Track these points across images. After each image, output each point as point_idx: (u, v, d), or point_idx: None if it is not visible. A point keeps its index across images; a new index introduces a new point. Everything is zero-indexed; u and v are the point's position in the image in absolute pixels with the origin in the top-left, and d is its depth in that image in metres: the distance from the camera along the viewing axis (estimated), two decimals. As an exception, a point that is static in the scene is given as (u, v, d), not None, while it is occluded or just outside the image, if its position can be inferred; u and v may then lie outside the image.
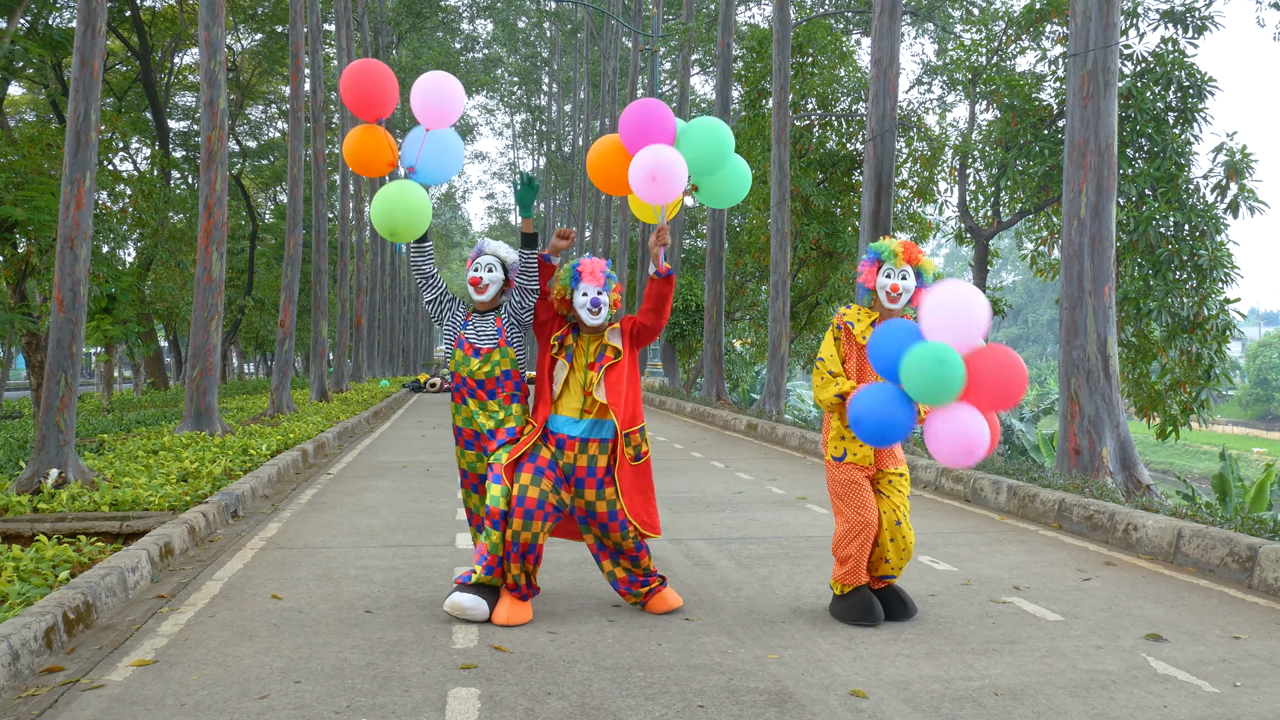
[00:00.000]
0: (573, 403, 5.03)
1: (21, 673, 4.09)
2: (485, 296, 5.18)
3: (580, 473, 5.01)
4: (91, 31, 8.88)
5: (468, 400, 5.16)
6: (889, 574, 5.06)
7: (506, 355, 5.14)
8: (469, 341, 5.16)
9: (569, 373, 5.05)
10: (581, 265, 5.02)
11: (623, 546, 5.08)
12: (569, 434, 5.01)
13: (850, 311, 5.12)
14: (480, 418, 5.13)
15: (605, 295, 4.99)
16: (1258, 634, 4.82)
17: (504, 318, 5.20)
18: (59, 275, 8.66)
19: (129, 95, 34.13)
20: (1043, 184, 17.24)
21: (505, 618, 4.91)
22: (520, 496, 4.87)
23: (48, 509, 7.57)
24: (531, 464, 4.96)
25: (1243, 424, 63.59)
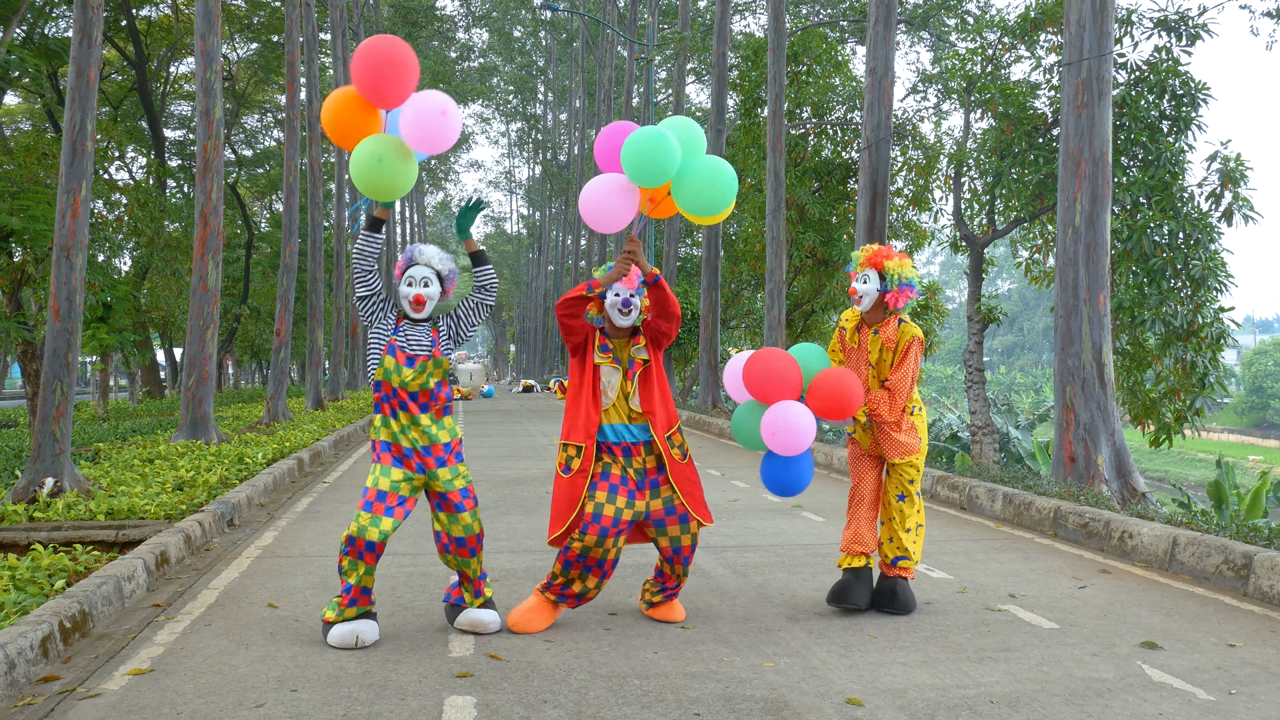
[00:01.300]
0: (623, 408, 4.99)
1: (18, 682, 4.09)
2: (422, 314, 4.90)
3: (652, 474, 5.00)
4: (88, 41, 8.90)
5: (398, 413, 4.80)
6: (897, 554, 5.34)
7: (440, 365, 4.86)
8: (400, 349, 4.81)
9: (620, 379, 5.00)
10: None
11: (680, 543, 5.03)
12: (630, 441, 4.97)
13: (846, 316, 5.59)
14: (412, 432, 4.80)
15: (637, 298, 4.98)
16: (1253, 641, 4.83)
17: (442, 328, 4.95)
18: (55, 284, 8.65)
19: (125, 104, 34.12)
20: (1038, 192, 17.27)
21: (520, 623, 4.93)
22: (596, 514, 4.77)
23: (43, 518, 7.56)
24: (605, 481, 4.88)
25: (1238, 431, 63.67)
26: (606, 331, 5.10)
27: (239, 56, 37.92)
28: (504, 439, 17.04)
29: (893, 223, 22.83)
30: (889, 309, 5.30)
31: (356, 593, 4.72)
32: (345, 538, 4.68)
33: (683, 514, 5.01)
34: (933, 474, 9.84)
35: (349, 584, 4.70)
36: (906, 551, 5.33)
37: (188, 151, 38.27)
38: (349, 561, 4.67)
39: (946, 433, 30.79)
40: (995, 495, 8.61)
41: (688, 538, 5.05)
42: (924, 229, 23.98)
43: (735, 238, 28.11)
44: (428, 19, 44.28)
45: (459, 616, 4.93)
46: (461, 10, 52.39)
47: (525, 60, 58.05)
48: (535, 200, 68.15)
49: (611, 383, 4.99)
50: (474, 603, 4.94)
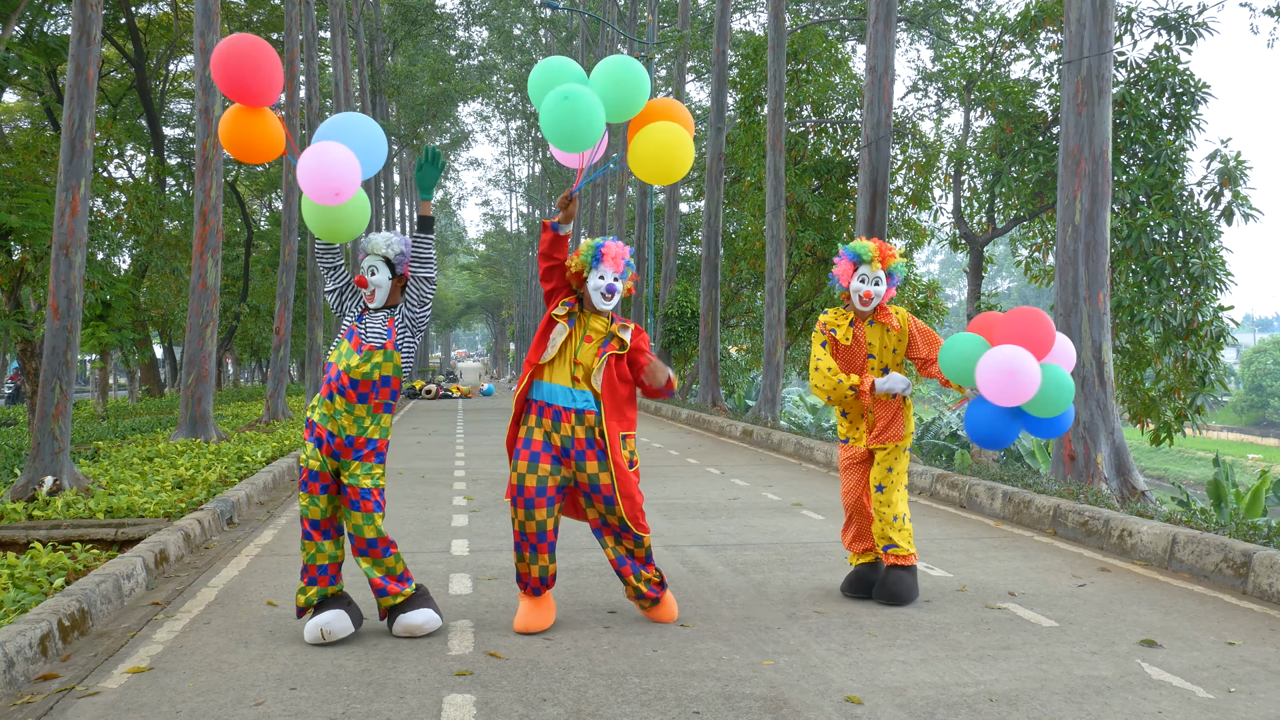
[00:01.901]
0: (565, 371, 4.86)
1: (17, 680, 4.09)
2: (375, 303, 4.82)
3: (580, 444, 4.83)
4: (86, 39, 8.89)
5: (335, 397, 4.72)
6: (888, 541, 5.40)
7: (391, 359, 4.75)
8: (357, 335, 4.77)
9: (566, 339, 4.88)
10: (606, 247, 4.89)
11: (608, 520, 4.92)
12: (564, 405, 4.82)
13: (829, 317, 5.54)
14: (343, 419, 4.72)
15: (620, 283, 4.90)
16: (1252, 640, 4.83)
17: (397, 318, 4.84)
18: (54, 282, 8.66)
19: (124, 102, 34.11)
20: (1037, 191, 17.29)
21: (522, 623, 4.86)
22: (519, 486, 4.74)
23: (43, 516, 7.56)
24: (526, 449, 4.81)
25: (1237, 430, 63.71)
26: (581, 298, 5.00)
27: (238, 54, 37.83)
28: (502, 438, 17.01)
29: (893, 221, 22.84)
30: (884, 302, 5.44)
31: (313, 571, 4.75)
32: (303, 520, 4.78)
33: (609, 494, 4.84)
34: (932, 472, 9.84)
35: (304, 564, 4.77)
36: (891, 539, 5.40)
37: (187, 149, 38.24)
38: (307, 544, 4.77)
39: (946, 431, 30.78)
40: (995, 493, 8.61)
41: (614, 517, 4.88)
42: (924, 227, 24.00)
43: (735, 236, 28.13)
44: (428, 17, 44.27)
45: (396, 622, 4.80)
46: (461, 8, 52.35)
47: (525, 58, 57.98)
48: (535, 198, 68.13)
49: (556, 341, 4.86)
50: (381, 602, 4.80)
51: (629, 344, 4.95)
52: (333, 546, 4.77)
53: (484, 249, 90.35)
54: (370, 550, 4.76)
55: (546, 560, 4.87)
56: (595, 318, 4.98)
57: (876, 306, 5.43)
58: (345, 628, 4.70)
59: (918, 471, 10.11)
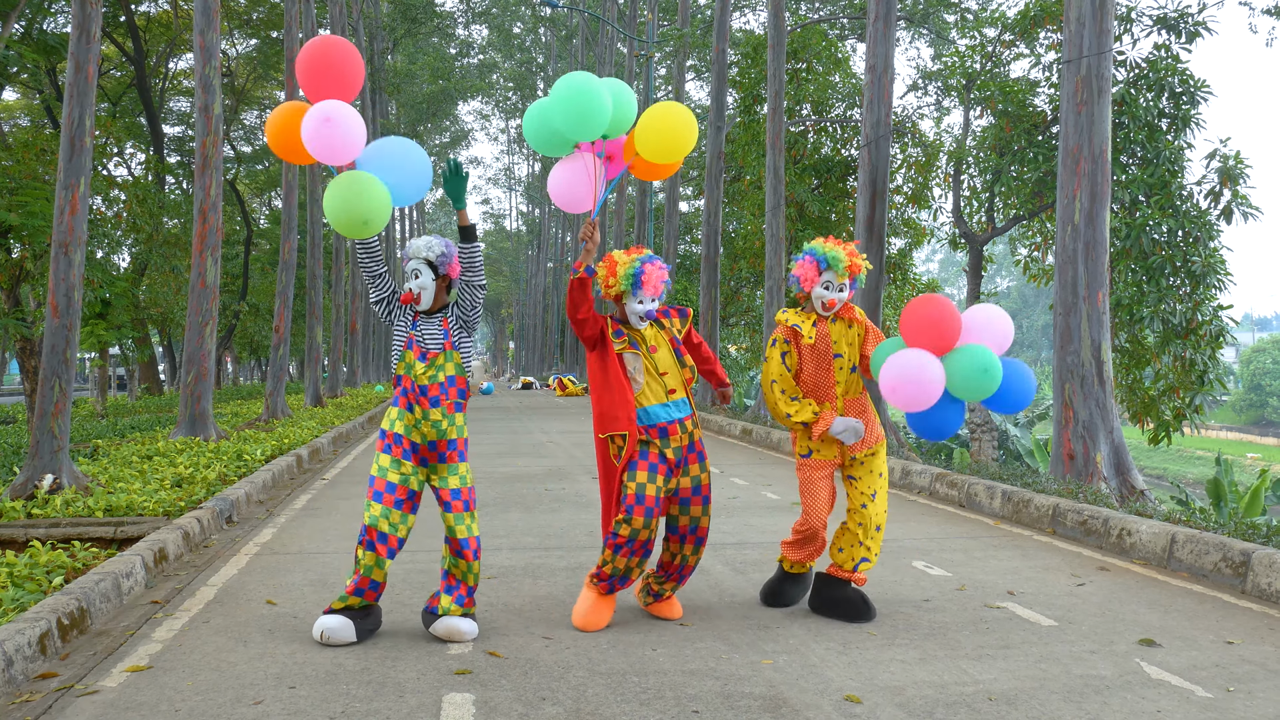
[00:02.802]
0: (657, 389, 4.96)
1: (16, 679, 4.09)
2: (423, 306, 4.86)
3: (684, 451, 4.98)
4: (86, 37, 8.89)
5: (414, 407, 4.80)
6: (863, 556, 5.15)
7: (452, 359, 4.85)
8: (417, 343, 4.84)
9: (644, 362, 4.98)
10: (645, 274, 4.88)
11: (699, 524, 5.04)
12: (666, 420, 4.93)
13: (791, 316, 5.26)
14: (424, 427, 4.80)
15: (657, 304, 4.99)
16: (1251, 639, 4.83)
17: (451, 319, 4.91)
18: (53, 280, 8.65)
19: (124, 100, 34.09)
20: (1037, 190, 17.29)
21: (585, 620, 4.92)
22: (639, 494, 4.75)
23: (42, 514, 7.55)
24: (644, 460, 4.84)
25: (1236, 429, 63.73)
26: (619, 319, 5.06)
27: (238, 52, 37.89)
28: (503, 436, 17.04)
29: (892, 220, 22.85)
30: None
31: (365, 583, 4.71)
32: (362, 526, 4.71)
33: (707, 494, 5.04)
34: (931, 471, 9.85)
35: (360, 574, 4.70)
36: (871, 554, 5.17)
37: (187, 148, 38.25)
38: (361, 550, 4.69)
39: (945, 430, 30.73)
40: (994, 493, 8.61)
41: (707, 519, 5.06)
42: (923, 226, 24.00)
43: (735, 235, 28.14)
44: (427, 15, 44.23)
45: (435, 622, 4.78)
46: (461, 7, 52.33)
47: (525, 57, 58.03)
48: (535, 197, 68.16)
49: (637, 367, 4.94)
50: (454, 610, 4.77)
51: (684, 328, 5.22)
52: (374, 561, 4.70)
53: (484, 248, 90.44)
54: (464, 552, 4.79)
55: (639, 564, 4.91)
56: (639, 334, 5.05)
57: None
58: (348, 637, 4.69)
59: (917, 470, 10.12)
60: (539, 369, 65.76)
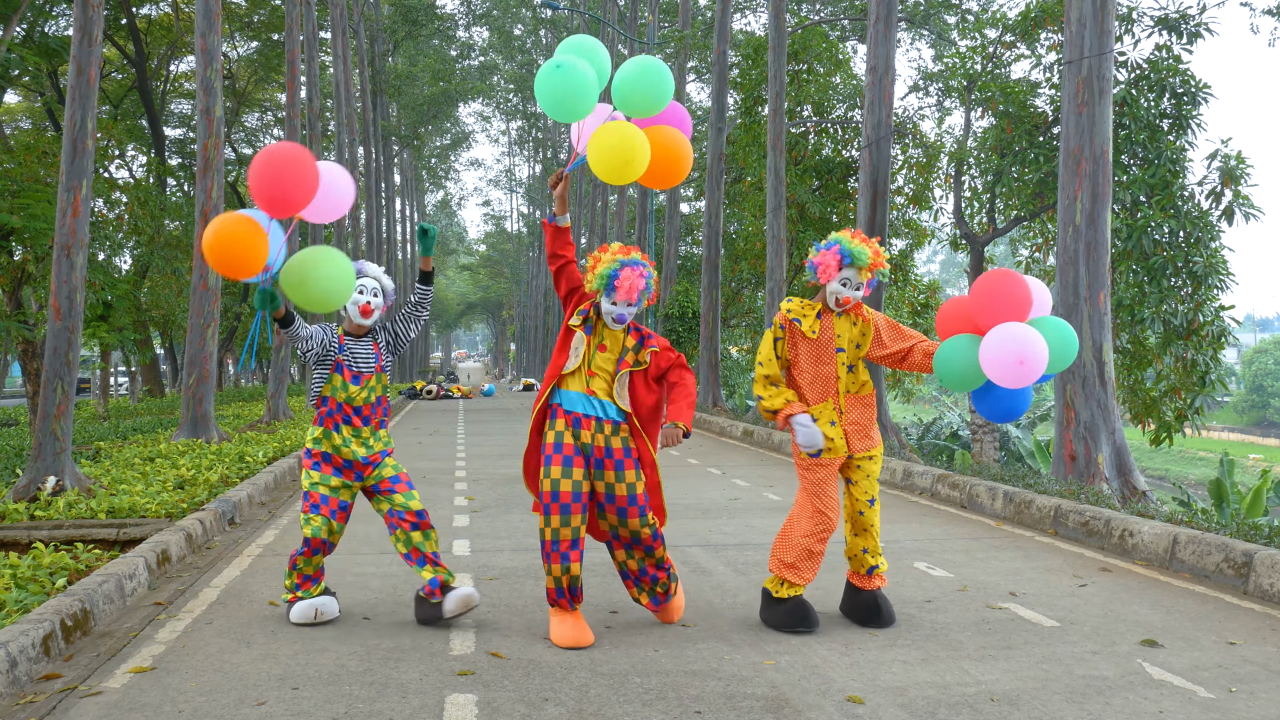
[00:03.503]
0: (580, 378, 4.81)
1: (19, 680, 4.09)
2: (369, 320, 5.14)
3: (598, 453, 4.75)
4: (88, 40, 8.90)
5: (341, 427, 5.06)
6: (875, 564, 5.05)
7: (381, 381, 5.19)
8: (347, 367, 5.09)
9: (585, 348, 4.81)
10: (619, 279, 4.68)
11: (640, 535, 4.80)
12: (583, 412, 4.76)
13: (794, 306, 5.06)
14: (354, 444, 5.06)
15: (631, 310, 4.74)
16: (1253, 640, 4.84)
17: (380, 343, 5.24)
18: (55, 283, 8.66)
19: (125, 103, 34.13)
20: (1038, 191, 17.29)
21: (564, 638, 4.67)
22: (554, 492, 4.64)
23: (45, 516, 7.57)
24: (559, 454, 4.70)
25: (1238, 430, 63.69)
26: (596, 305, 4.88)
27: (239, 55, 37.91)
28: (504, 438, 17.04)
29: (893, 221, 22.86)
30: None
31: (319, 575, 5.11)
32: (303, 540, 4.98)
33: (644, 504, 4.80)
34: (933, 472, 9.85)
35: (306, 575, 5.05)
36: (881, 558, 5.10)
37: (188, 150, 38.26)
38: (304, 560, 5.01)
39: (947, 431, 30.80)
40: (996, 494, 8.62)
41: (625, 531, 4.81)
42: (924, 227, 24.01)
43: (736, 236, 28.15)
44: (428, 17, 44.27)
45: (447, 600, 4.95)
46: (462, 9, 52.37)
47: (526, 58, 58.00)
48: (536, 199, 68.16)
49: (578, 350, 4.81)
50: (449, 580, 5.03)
51: (647, 364, 4.89)
52: (320, 560, 5.08)
53: (484, 249, 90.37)
54: (421, 522, 5.06)
55: (578, 569, 4.69)
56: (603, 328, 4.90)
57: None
58: (334, 611, 5.09)
59: (918, 472, 10.12)
60: (540, 370, 65.75)
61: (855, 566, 5.11)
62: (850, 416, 5.03)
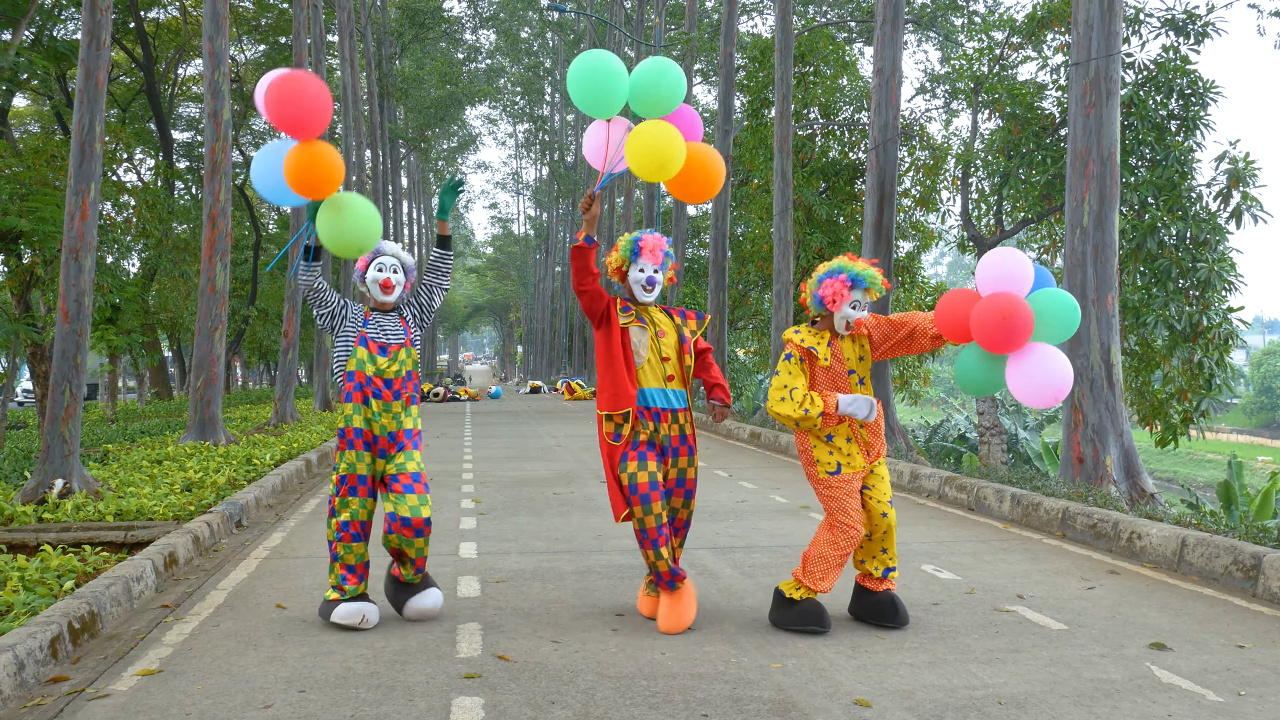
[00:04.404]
0: (656, 372, 5.02)
1: (27, 682, 4.10)
2: (392, 297, 5.15)
3: (674, 441, 5.05)
4: (96, 43, 8.93)
5: (371, 400, 5.00)
6: (890, 565, 5.09)
7: (410, 355, 5.13)
8: (373, 340, 5.05)
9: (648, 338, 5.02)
10: (643, 241, 5.05)
11: (679, 515, 5.15)
12: (662, 406, 5.01)
13: (806, 337, 5.04)
14: (384, 419, 5.02)
15: (661, 274, 5.07)
16: (1262, 643, 4.82)
17: (409, 317, 5.22)
18: (64, 286, 8.69)
19: (133, 106, 34.22)
20: (1045, 193, 17.26)
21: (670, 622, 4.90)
22: (633, 485, 4.87)
23: (52, 519, 7.58)
24: (633, 451, 4.94)
25: (1247, 432, 63.50)
26: (627, 298, 5.17)
27: (247, 58, 38.01)
28: (511, 440, 17.04)
29: (900, 223, 22.83)
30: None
31: (362, 569, 5.01)
32: (338, 524, 4.92)
33: (691, 488, 5.12)
34: (941, 475, 9.83)
35: (350, 565, 4.96)
36: (896, 561, 5.12)
37: (196, 153, 38.36)
38: (344, 547, 4.93)
39: (954, 434, 30.72)
40: (1003, 496, 8.59)
41: (686, 512, 5.16)
42: (931, 229, 23.96)
43: (742, 239, 28.13)
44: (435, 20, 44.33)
45: (407, 606, 5.08)
46: (469, 11, 52.45)
47: (533, 61, 58.07)
48: (543, 201, 68.19)
49: (642, 342, 5.01)
50: (414, 577, 5.07)
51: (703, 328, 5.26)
52: (363, 549, 5.00)
53: (492, 252, 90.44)
54: (426, 529, 5.01)
55: (668, 552, 4.91)
56: (656, 311, 5.14)
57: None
58: (377, 618, 5.00)
59: (926, 474, 10.10)
60: (547, 373, 65.77)
61: (870, 568, 5.12)
62: (868, 428, 5.06)
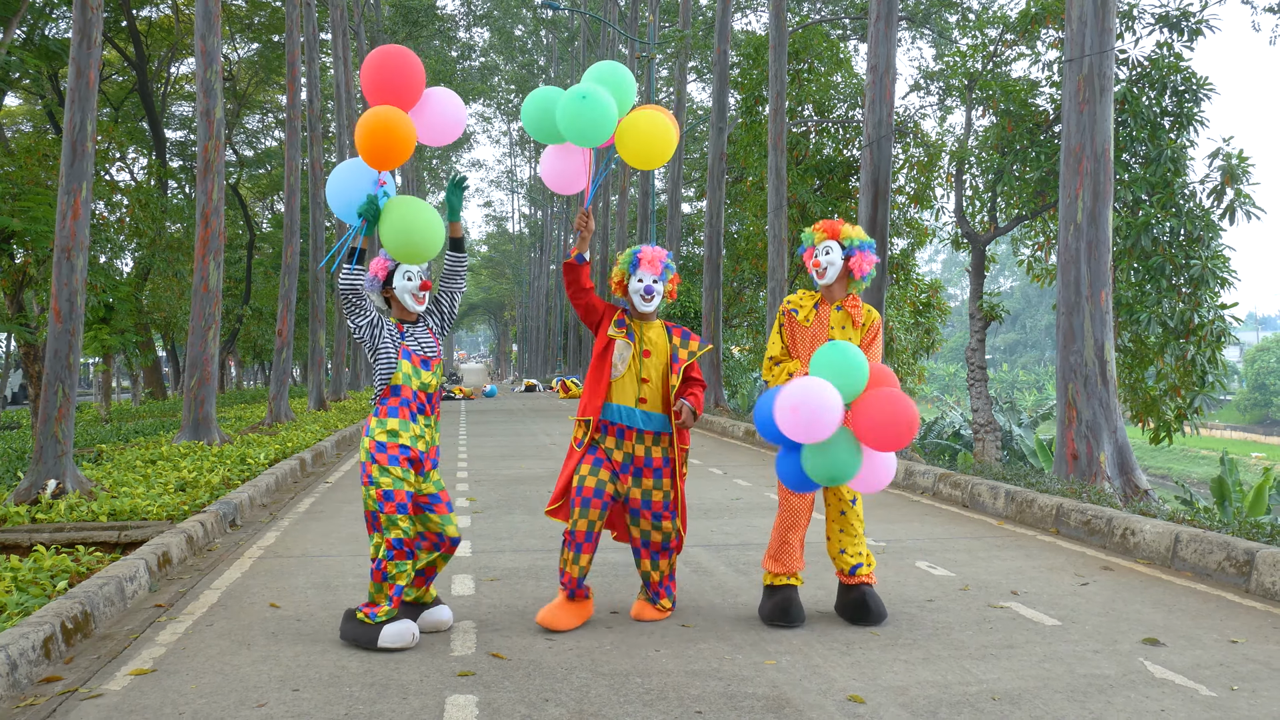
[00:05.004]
0: (629, 390, 5.00)
1: (20, 682, 4.09)
2: (423, 307, 4.94)
3: (639, 462, 5.01)
4: (87, 42, 8.90)
5: (418, 417, 4.80)
6: (857, 563, 5.11)
7: (442, 367, 5.01)
8: (414, 353, 4.83)
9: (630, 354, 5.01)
10: (642, 253, 5.06)
11: (669, 539, 5.08)
12: (628, 424, 4.98)
13: (795, 297, 5.29)
14: (426, 434, 4.85)
15: (660, 284, 5.05)
16: (1255, 638, 4.83)
17: (433, 327, 5.05)
18: (56, 286, 8.66)
19: (125, 105, 34.15)
20: (1039, 189, 17.26)
21: (549, 617, 4.95)
22: (578, 486, 4.90)
23: (46, 519, 7.56)
24: (591, 455, 4.98)
25: (1241, 429, 63.62)
26: (629, 310, 5.17)
27: (239, 57, 37.94)
28: (506, 438, 17.04)
29: (894, 220, 22.84)
30: (855, 277, 5.16)
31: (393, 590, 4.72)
32: (389, 542, 4.63)
33: (659, 510, 5.04)
34: (935, 471, 9.84)
35: (400, 586, 4.67)
36: (864, 557, 5.14)
37: (189, 152, 38.29)
38: (396, 565, 4.65)
39: (949, 431, 30.77)
40: (997, 493, 8.61)
41: (658, 535, 5.07)
42: (926, 226, 23.98)
43: (737, 236, 28.15)
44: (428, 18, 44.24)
45: (421, 618, 4.93)
46: (462, 9, 52.37)
47: (526, 59, 58.04)
48: (537, 199, 68.16)
49: (623, 357, 4.99)
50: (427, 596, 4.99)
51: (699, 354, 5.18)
52: (411, 568, 4.73)
53: (486, 250, 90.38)
54: (452, 549, 4.97)
55: (586, 562, 4.93)
56: (649, 327, 5.10)
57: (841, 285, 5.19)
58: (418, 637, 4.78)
59: (920, 471, 10.11)
60: (542, 371, 65.77)
61: (839, 565, 5.18)
62: None
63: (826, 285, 5.20)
